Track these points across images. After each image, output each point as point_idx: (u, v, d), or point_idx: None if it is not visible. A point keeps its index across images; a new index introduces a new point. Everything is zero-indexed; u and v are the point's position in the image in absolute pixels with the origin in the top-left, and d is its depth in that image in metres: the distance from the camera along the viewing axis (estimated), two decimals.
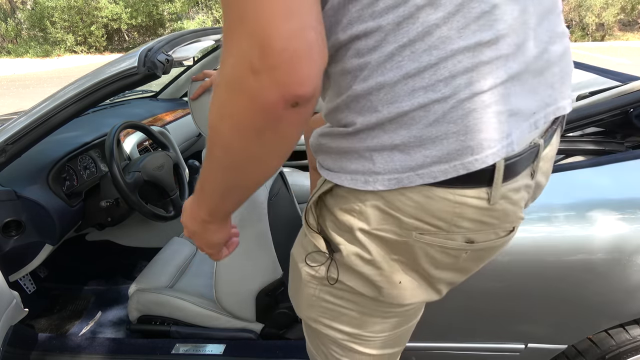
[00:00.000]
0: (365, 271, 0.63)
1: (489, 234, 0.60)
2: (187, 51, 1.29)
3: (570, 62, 0.65)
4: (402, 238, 0.59)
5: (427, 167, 0.54)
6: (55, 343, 1.43)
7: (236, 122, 0.50)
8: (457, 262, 0.62)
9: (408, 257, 0.61)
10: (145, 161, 1.68)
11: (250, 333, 1.41)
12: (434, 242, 0.59)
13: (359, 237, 0.60)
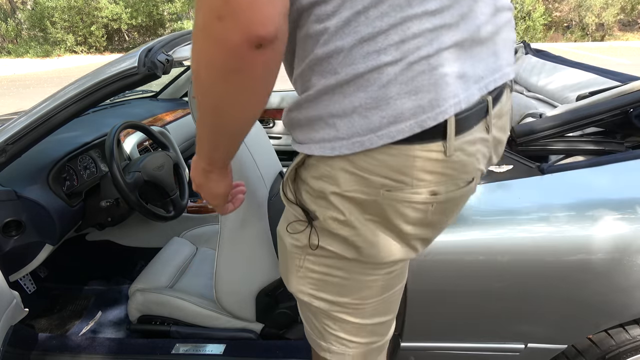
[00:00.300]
0: (342, 233, 0.67)
1: (450, 185, 0.65)
2: (187, 51, 1.29)
3: (512, 33, 0.70)
4: (371, 197, 0.63)
5: (385, 128, 0.59)
6: (55, 343, 1.43)
7: (210, 66, 0.54)
8: (426, 216, 0.66)
9: (380, 215, 0.65)
10: (145, 161, 1.68)
11: (250, 333, 1.41)
12: (401, 198, 0.64)
13: (333, 200, 0.65)
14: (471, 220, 0.97)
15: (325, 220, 0.68)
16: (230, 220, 1.31)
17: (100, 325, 1.71)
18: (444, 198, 0.65)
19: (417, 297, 1.00)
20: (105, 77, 1.16)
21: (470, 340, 1.08)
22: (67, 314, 1.78)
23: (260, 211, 1.32)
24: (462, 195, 0.68)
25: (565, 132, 1.02)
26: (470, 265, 0.96)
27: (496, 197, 0.99)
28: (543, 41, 14.26)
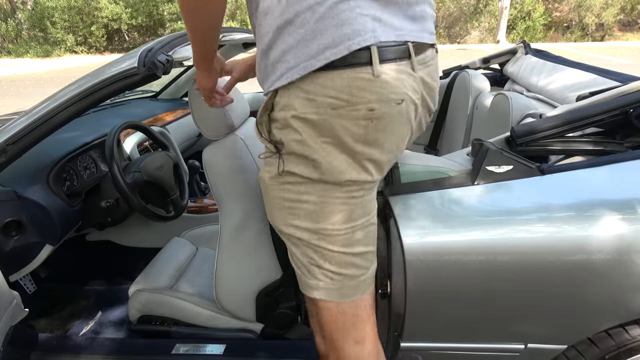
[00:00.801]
0: (303, 152, 0.83)
1: (383, 104, 0.80)
2: (187, 51, 1.29)
3: (430, 10, 0.90)
4: (321, 116, 0.80)
5: (322, 52, 0.77)
6: (55, 343, 1.43)
7: None
8: (368, 132, 0.81)
9: (332, 135, 0.81)
10: (146, 161, 1.68)
11: (250, 333, 1.41)
12: (344, 115, 0.80)
13: (292, 123, 0.82)
14: (471, 221, 0.97)
15: (288, 143, 0.84)
16: (231, 220, 1.31)
17: (100, 325, 1.71)
18: (379, 114, 0.80)
19: (417, 297, 1.00)
20: (106, 78, 1.16)
21: (470, 340, 1.08)
22: (67, 314, 1.78)
23: (260, 211, 1.32)
24: (397, 115, 0.83)
25: (565, 133, 1.02)
26: (470, 265, 0.96)
27: (496, 197, 0.99)
28: (543, 41, 14.25)
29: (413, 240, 0.96)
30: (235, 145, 1.28)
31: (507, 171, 0.99)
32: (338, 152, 0.83)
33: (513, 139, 1.03)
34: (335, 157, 0.83)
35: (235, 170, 1.28)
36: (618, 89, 1.05)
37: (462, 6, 15.09)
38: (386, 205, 1.01)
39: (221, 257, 1.34)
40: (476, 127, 1.92)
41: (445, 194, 1.00)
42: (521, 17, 14.56)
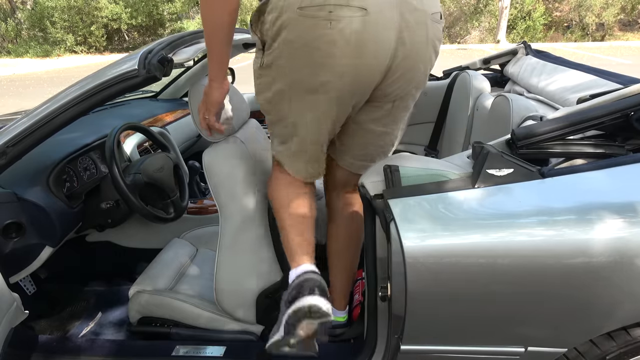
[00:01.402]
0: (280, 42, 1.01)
1: (347, 9, 0.94)
2: (188, 53, 1.29)
3: None
4: (293, 14, 0.96)
5: None
6: (55, 345, 1.43)
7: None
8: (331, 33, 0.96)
9: (297, 31, 0.98)
10: (146, 163, 1.68)
11: (250, 335, 1.41)
12: (312, 14, 0.95)
13: (276, 22, 1.00)
14: (472, 224, 0.96)
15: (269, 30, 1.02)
16: (231, 222, 1.31)
17: (100, 326, 1.71)
18: (339, 14, 0.94)
19: (418, 300, 1.00)
20: (106, 80, 1.16)
21: (470, 343, 1.08)
22: (67, 316, 1.78)
23: (260, 213, 1.32)
24: (361, 26, 0.95)
25: (565, 135, 1.02)
26: (470, 268, 0.96)
27: (497, 200, 0.98)
28: (543, 41, 14.25)
29: (413, 243, 0.96)
30: (235, 148, 1.28)
31: (508, 174, 0.99)
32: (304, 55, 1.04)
33: (513, 142, 1.03)
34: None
35: (235, 173, 1.28)
36: (619, 91, 1.05)
37: (462, 6, 15.08)
38: (386, 208, 1.00)
39: (221, 259, 1.34)
40: (476, 129, 1.92)
41: (445, 196, 0.99)
42: (521, 17, 14.55)
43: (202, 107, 1.22)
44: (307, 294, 1.02)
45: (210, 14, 1.05)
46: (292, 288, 1.08)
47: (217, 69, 1.14)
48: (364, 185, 1.09)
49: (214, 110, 1.21)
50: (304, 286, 1.06)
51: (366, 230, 1.14)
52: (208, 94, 1.19)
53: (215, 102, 1.19)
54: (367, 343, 1.21)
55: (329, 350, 1.34)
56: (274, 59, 1.04)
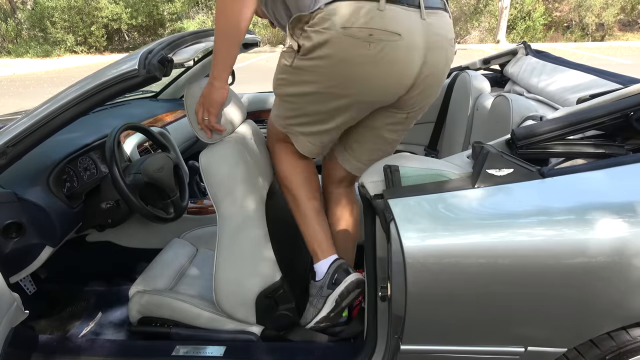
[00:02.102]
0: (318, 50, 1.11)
1: (383, 33, 1.06)
2: (188, 53, 1.29)
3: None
4: (336, 32, 1.06)
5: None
6: (55, 345, 1.43)
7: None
8: (368, 51, 1.07)
9: (337, 48, 1.08)
10: (146, 163, 1.68)
11: (250, 335, 1.41)
12: (353, 34, 1.06)
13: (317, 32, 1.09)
14: (472, 224, 0.97)
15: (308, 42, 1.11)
16: (229, 223, 1.31)
17: (100, 326, 1.71)
18: (380, 37, 1.06)
19: (417, 300, 1.00)
20: (106, 80, 1.16)
21: (470, 343, 1.08)
22: (67, 316, 1.78)
23: (258, 213, 1.32)
24: (395, 48, 1.07)
25: (565, 135, 1.02)
26: (470, 268, 0.96)
27: (497, 200, 0.99)
28: (543, 41, 14.26)
29: (413, 243, 0.96)
30: (232, 149, 1.28)
31: (508, 174, 0.99)
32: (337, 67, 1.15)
33: (513, 142, 1.03)
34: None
35: (232, 174, 1.28)
36: (618, 91, 1.05)
37: (462, 6, 15.08)
38: (386, 208, 1.00)
39: (220, 259, 1.34)
40: (476, 129, 1.92)
41: (445, 196, 1.00)
42: (521, 17, 14.56)
43: (200, 108, 1.22)
44: (349, 274, 1.31)
45: (225, 20, 1.11)
46: (331, 273, 1.33)
47: (222, 70, 1.18)
48: (364, 185, 1.09)
49: (214, 111, 1.22)
50: (342, 268, 1.33)
51: (366, 230, 1.14)
52: (209, 95, 1.20)
53: (216, 102, 1.21)
54: (367, 343, 1.21)
55: (329, 350, 1.34)
56: (309, 65, 1.13)
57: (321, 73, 1.13)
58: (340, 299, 1.30)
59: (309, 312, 1.37)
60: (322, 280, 1.34)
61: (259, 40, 1.87)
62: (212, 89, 1.19)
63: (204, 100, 1.21)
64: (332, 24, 1.06)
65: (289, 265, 1.43)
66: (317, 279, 1.37)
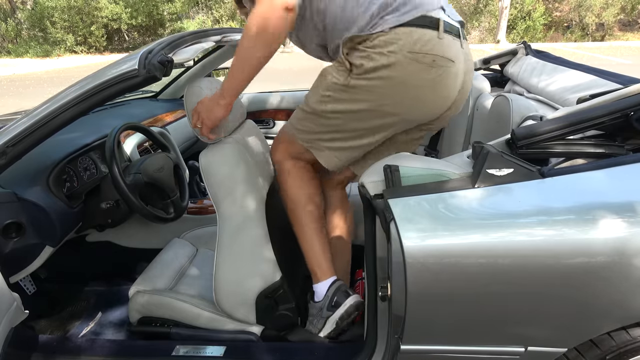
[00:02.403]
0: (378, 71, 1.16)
1: (440, 59, 1.15)
2: (188, 53, 1.29)
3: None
4: (402, 56, 1.13)
5: (406, 13, 1.13)
6: (55, 344, 1.43)
7: (260, 21, 1.08)
8: (429, 74, 1.15)
9: (402, 71, 1.14)
10: (146, 163, 1.68)
11: (250, 335, 1.41)
12: (419, 59, 1.13)
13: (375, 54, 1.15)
14: (472, 224, 0.97)
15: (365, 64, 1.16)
16: (229, 223, 1.31)
17: (100, 326, 1.71)
18: (441, 63, 1.15)
19: (417, 300, 1.00)
20: (106, 80, 1.16)
21: (469, 343, 1.08)
22: (67, 315, 1.78)
23: (258, 213, 1.32)
24: (448, 73, 1.17)
25: (565, 135, 1.02)
26: (470, 268, 0.96)
27: (497, 200, 0.99)
28: (543, 41, 14.26)
29: (413, 243, 0.96)
30: (232, 149, 1.28)
31: (508, 174, 0.99)
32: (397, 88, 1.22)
33: (513, 142, 1.03)
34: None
35: (232, 174, 1.28)
36: (619, 91, 1.05)
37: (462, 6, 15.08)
38: (386, 208, 1.00)
39: (220, 259, 1.34)
40: (476, 129, 1.92)
41: (445, 196, 1.00)
42: (521, 17, 14.55)
43: (196, 115, 1.22)
44: (348, 296, 1.35)
45: (251, 48, 1.12)
46: (330, 295, 1.36)
47: (233, 90, 1.19)
48: (364, 185, 1.09)
49: (210, 125, 1.21)
50: (340, 290, 1.36)
51: (366, 230, 1.14)
52: (210, 109, 1.19)
53: (215, 118, 1.20)
54: (367, 343, 1.21)
55: (329, 350, 1.34)
56: (367, 85, 1.17)
57: (378, 93, 1.17)
58: (341, 321, 1.34)
59: (314, 324, 1.39)
60: (322, 302, 1.37)
61: None
62: (216, 106, 1.19)
63: (202, 110, 1.21)
64: (398, 47, 1.12)
65: (289, 265, 1.43)
66: (317, 300, 1.39)
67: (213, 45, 1.46)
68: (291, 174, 1.40)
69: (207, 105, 1.20)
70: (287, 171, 1.40)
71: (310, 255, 1.40)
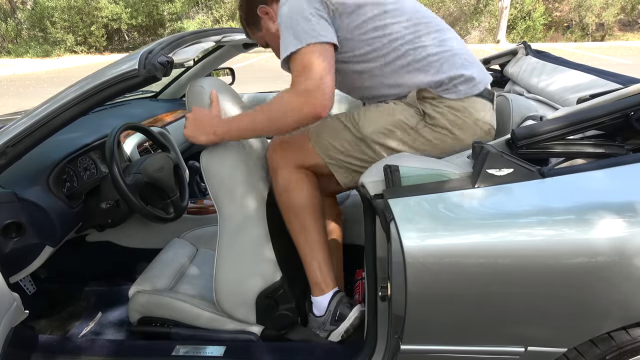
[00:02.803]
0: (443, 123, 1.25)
1: (492, 128, 1.32)
2: (188, 53, 1.29)
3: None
4: (469, 120, 1.25)
5: (475, 86, 1.26)
6: (55, 344, 1.43)
7: (283, 114, 1.16)
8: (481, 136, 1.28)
9: (467, 134, 1.25)
10: (146, 163, 1.68)
11: (250, 335, 1.41)
12: (480, 126, 1.27)
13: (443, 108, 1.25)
14: (472, 224, 0.96)
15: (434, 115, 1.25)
16: (229, 222, 1.31)
17: (100, 326, 1.71)
18: (490, 130, 1.30)
19: (417, 300, 1.00)
20: (106, 80, 1.16)
21: (469, 343, 1.08)
22: (67, 315, 1.78)
23: (258, 213, 1.32)
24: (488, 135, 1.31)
25: (565, 135, 1.02)
26: (470, 268, 0.96)
27: (497, 200, 0.98)
28: (543, 41, 14.26)
29: (413, 243, 0.96)
30: (232, 149, 1.28)
31: (508, 174, 0.99)
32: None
33: (513, 142, 1.03)
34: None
35: (233, 174, 1.28)
36: (619, 91, 1.05)
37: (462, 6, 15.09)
38: (386, 208, 1.00)
39: (220, 260, 1.34)
40: None
41: (445, 196, 1.00)
42: (521, 17, 14.56)
43: (192, 126, 1.23)
44: (351, 310, 1.35)
45: (282, 119, 1.17)
46: (333, 309, 1.35)
47: (236, 136, 1.25)
48: (364, 185, 1.09)
49: (195, 142, 1.25)
50: (343, 302, 1.36)
51: (366, 230, 1.14)
52: (200, 130, 1.22)
53: (198, 140, 1.24)
54: (367, 343, 1.21)
55: (329, 350, 1.34)
56: (433, 136, 1.24)
57: (439, 146, 1.25)
58: (346, 334, 1.34)
59: (320, 328, 1.38)
60: (325, 317, 1.36)
61: None
62: (209, 132, 1.22)
63: (194, 121, 1.23)
64: (469, 114, 1.24)
65: (289, 265, 1.43)
66: (317, 314, 1.37)
67: (213, 45, 1.46)
68: (294, 183, 1.35)
69: (200, 122, 1.22)
70: (289, 179, 1.34)
71: (314, 266, 1.36)
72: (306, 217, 1.35)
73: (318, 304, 1.37)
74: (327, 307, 1.35)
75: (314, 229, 1.36)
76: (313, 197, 1.36)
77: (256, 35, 1.44)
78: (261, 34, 1.41)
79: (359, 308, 1.34)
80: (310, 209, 1.35)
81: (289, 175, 1.34)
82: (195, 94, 1.25)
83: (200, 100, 1.27)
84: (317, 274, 1.36)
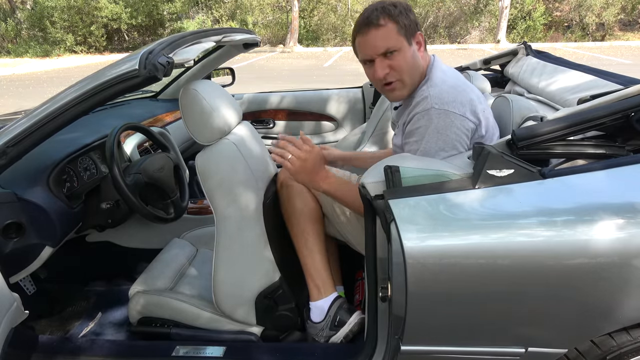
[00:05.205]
0: None
1: None
2: (188, 53, 1.28)
3: None
4: None
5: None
6: (55, 345, 1.43)
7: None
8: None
9: None
10: (146, 163, 1.68)
11: (250, 335, 1.41)
12: None
13: None
14: (472, 224, 0.96)
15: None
16: (227, 225, 1.31)
17: (100, 326, 1.71)
18: None
19: (418, 300, 1.00)
20: (106, 80, 1.16)
21: (470, 344, 1.08)
22: (67, 316, 1.78)
23: (256, 215, 1.32)
24: None
25: (566, 136, 1.02)
26: (470, 269, 0.96)
27: (497, 201, 0.98)
28: (543, 41, 14.26)
29: (414, 243, 0.96)
30: (228, 150, 1.28)
31: (508, 175, 0.99)
32: None
33: (514, 143, 1.02)
34: None
35: (229, 175, 1.28)
36: (619, 92, 1.05)
37: (463, 6, 15.09)
38: (387, 208, 1.00)
39: (218, 261, 1.34)
40: None
41: (446, 197, 0.99)
42: (521, 17, 14.56)
43: (299, 166, 1.28)
44: (351, 315, 1.35)
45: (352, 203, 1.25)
46: (332, 315, 1.36)
47: (332, 190, 1.30)
48: (364, 186, 1.09)
49: (295, 173, 1.29)
50: (342, 307, 1.37)
51: (366, 231, 1.14)
52: (313, 179, 1.29)
53: (314, 186, 1.32)
54: (367, 343, 1.21)
55: (329, 351, 1.34)
56: None
57: None
58: (345, 340, 1.35)
59: (322, 333, 1.39)
60: (324, 323, 1.37)
61: (259, 40, 1.87)
62: (321, 180, 1.28)
63: (305, 167, 1.27)
64: None
65: (288, 265, 1.43)
66: (316, 320, 1.38)
67: (213, 45, 1.46)
68: (296, 190, 1.41)
69: (311, 171, 1.27)
70: (292, 187, 1.41)
71: (315, 270, 1.38)
72: (306, 222, 1.38)
73: (317, 308, 1.38)
74: (327, 312, 1.36)
75: (315, 234, 1.38)
76: (313, 200, 1.41)
77: (400, 43, 1.23)
78: (405, 47, 1.24)
79: (359, 314, 1.35)
80: (309, 214, 1.39)
81: (291, 182, 1.40)
82: (190, 97, 1.25)
83: (194, 104, 1.27)
84: (317, 278, 1.37)
